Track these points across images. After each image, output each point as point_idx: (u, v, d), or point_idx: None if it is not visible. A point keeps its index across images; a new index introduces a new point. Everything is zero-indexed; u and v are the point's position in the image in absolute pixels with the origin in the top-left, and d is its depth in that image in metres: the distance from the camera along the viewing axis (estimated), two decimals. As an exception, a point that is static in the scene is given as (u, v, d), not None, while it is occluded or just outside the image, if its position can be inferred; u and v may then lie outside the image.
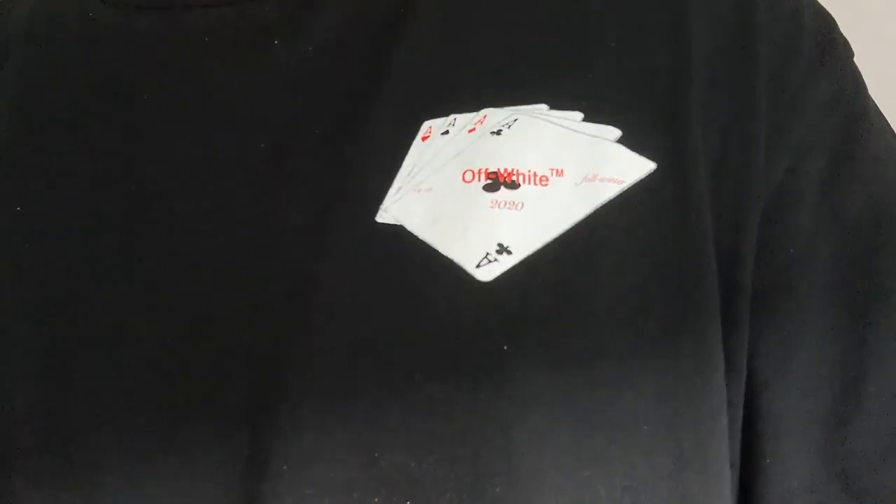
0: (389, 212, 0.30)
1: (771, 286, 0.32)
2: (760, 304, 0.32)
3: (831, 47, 0.34)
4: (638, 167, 0.30)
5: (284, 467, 0.27)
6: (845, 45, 0.35)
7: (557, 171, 0.30)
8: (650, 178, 0.30)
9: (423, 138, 0.31)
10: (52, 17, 0.37)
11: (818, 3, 0.36)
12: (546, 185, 0.30)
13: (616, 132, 0.31)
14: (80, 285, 0.31)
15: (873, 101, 0.35)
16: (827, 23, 0.35)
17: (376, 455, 0.27)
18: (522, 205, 0.30)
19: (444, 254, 0.29)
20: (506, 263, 0.29)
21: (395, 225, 0.30)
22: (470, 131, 0.31)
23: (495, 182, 0.30)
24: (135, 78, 0.34)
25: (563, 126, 0.31)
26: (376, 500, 0.27)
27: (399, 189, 0.30)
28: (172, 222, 0.32)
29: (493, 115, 0.31)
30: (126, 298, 0.31)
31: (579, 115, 0.31)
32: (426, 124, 0.31)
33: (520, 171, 0.30)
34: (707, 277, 0.30)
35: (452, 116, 0.31)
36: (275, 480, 0.27)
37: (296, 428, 0.28)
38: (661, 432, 0.29)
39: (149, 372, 0.30)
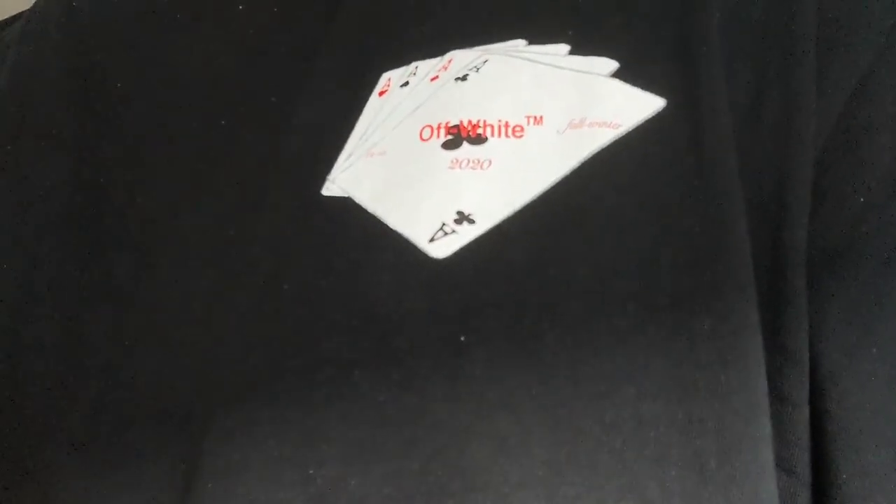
0: (337, 182, 0.25)
1: (837, 246, 0.24)
2: (824, 270, 0.24)
3: None
4: (640, 106, 0.24)
5: (210, 484, 0.24)
6: None
7: (535, 118, 0.24)
8: (657, 118, 0.24)
9: (381, 93, 0.26)
10: (43, 12, 0.35)
11: None
12: (520, 136, 0.24)
13: (611, 64, 0.25)
14: (38, 285, 0.29)
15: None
16: None
17: (311, 472, 0.23)
18: (490, 163, 0.24)
19: (394, 228, 0.24)
20: (466, 235, 0.24)
21: (343, 198, 0.25)
22: (433, 80, 0.26)
23: (457, 137, 0.25)
24: (108, 64, 0.32)
25: (543, 63, 0.25)
26: None
27: (350, 155, 0.26)
28: (132, 214, 0.29)
29: (460, 58, 0.26)
30: (80, 299, 0.28)
31: (565, 48, 0.25)
32: (385, 76, 0.26)
33: (487, 122, 0.24)
34: (732, 242, 0.23)
35: (414, 64, 0.26)
36: (199, 500, 0.24)
37: (224, 439, 0.24)
38: (674, 438, 0.22)
39: (98, 377, 0.27)
